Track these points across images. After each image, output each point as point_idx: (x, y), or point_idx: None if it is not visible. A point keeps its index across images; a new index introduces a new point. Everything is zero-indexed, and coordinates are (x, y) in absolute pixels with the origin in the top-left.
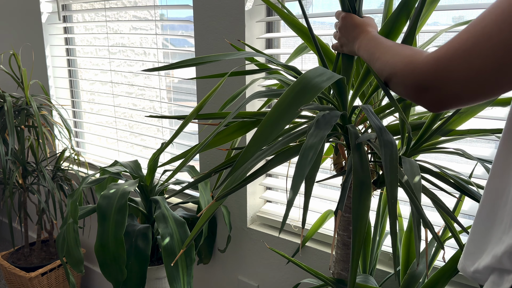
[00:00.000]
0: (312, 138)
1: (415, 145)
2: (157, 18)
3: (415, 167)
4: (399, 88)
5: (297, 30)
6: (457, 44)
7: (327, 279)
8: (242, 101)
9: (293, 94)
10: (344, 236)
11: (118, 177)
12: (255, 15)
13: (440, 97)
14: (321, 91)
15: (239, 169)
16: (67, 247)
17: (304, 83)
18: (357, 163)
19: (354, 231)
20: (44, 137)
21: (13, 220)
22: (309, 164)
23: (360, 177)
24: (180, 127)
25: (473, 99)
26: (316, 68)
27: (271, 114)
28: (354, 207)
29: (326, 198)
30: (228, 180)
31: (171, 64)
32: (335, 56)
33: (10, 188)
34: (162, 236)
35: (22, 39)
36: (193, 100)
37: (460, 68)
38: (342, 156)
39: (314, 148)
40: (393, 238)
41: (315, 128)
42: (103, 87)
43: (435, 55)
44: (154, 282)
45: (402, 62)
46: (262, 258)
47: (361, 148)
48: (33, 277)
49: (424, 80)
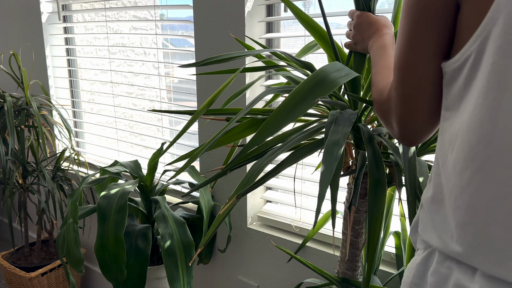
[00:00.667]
0: (335, 134)
1: (423, 145)
2: (157, 18)
3: (424, 167)
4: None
5: (310, 28)
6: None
7: (332, 278)
8: (248, 97)
9: (310, 86)
10: (348, 236)
11: (118, 177)
12: (255, 15)
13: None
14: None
15: (249, 149)
16: (67, 247)
17: (322, 76)
18: (371, 160)
19: (369, 231)
20: (44, 137)
21: (13, 220)
22: (336, 161)
23: (375, 176)
24: (188, 122)
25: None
26: (334, 63)
27: (287, 102)
28: (370, 207)
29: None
30: (244, 177)
31: (201, 61)
32: (347, 55)
33: (10, 188)
34: (162, 236)
35: (22, 39)
36: (193, 100)
37: (396, 100)
38: (349, 155)
39: (339, 145)
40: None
41: (336, 125)
42: (103, 87)
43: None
44: (154, 282)
45: (376, 94)
46: (262, 258)
47: (374, 143)
48: (33, 277)
49: (389, 116)
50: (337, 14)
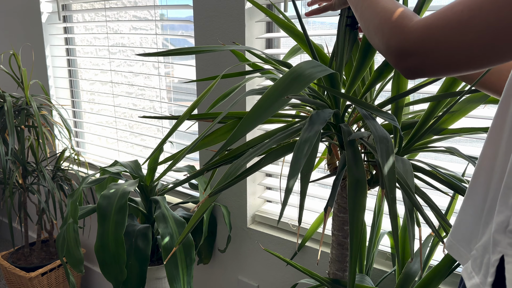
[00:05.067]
0: (307, 132)
1: (408, 144)
2: (157, 18)
3: (408, 165)
4: (380, 46)
5: (289, 32)
6: (451, 14)
7: (323, 279)
8: (235, 99)
9: (287, 82)
10: (339, 236)
11: (118, 177)
12: (255, 15)
13: (422, 65)
14: (315, 88)
15: (226, 148)
16: (67, 247)
17: (298, 72)
18: (351, 160)
19: (351, 231)
20: (44, 137)
21: (13, 220)
22: (304, 157)
23: (355, 175)
24: (172, 127)
25: (457, 71)
26: (310, 60)
27: (263, 99)
28: (350, 207)
29: (325, 198)
30: (222, 177)
31: (168, 50)
32: (329, 59)
33: (10, 188)
34: (162, 236)
35: (22, 39)
36: (193, 100)
37: (451, 39)
38: (335, 156)
39: (309, 142)
40: (395, 238)
41: (309, 123)
42: (103, 87)
43: (426, 22)
44: (154, 282)
45: (390, 21)
46: (262, 258)
47: (355, 145)
48: (33, 277)
49: (410, 46)
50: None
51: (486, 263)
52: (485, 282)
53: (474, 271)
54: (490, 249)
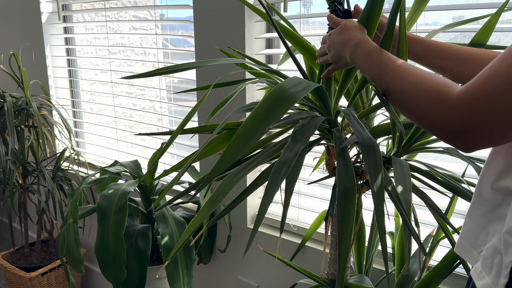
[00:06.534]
0: (287, 153)
1: (406, 145)
2: (157, 18)
3: (406, 168)
4: (420, 122)
5: (283, 33)
6: (497, 81)
7: (321, 279)
8: (228, 114)
9: (269, 105)
10: (337, 237)
11: (118, 177)
12: (255, 15)
13: (478, 139)
14: (303, 99)
15: (212, 178)
16: (67, 247)
17: (280, 93)
18: (342, 169)
19: (340, 238)
20: (44, 137)
21: (13, 220)
22: (281, 180)
23: (345, 184)
24: (168, 141)
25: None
26: (292, 78)
27: (244, 126)
28: (339, 215)
29: (325, 198)
30: (213, 193)
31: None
32: None
33: (10, 188)
34: (162, 236)
35: (22, 39)
36: (193, 100)
37: (503, 108)
38: (334, 157)
39: (287, 164)
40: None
41: (291, 141)
42: (103, 87)
43: (471, 93)
44: (154, 282)
45: (427, 96)
46: (262, 258)
47: (346, 154)
48: (33, 277)
49: (461, 123)
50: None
51: (497, 264)
52: (497, 282)
53: (485, 271)
54: (501, 250)
